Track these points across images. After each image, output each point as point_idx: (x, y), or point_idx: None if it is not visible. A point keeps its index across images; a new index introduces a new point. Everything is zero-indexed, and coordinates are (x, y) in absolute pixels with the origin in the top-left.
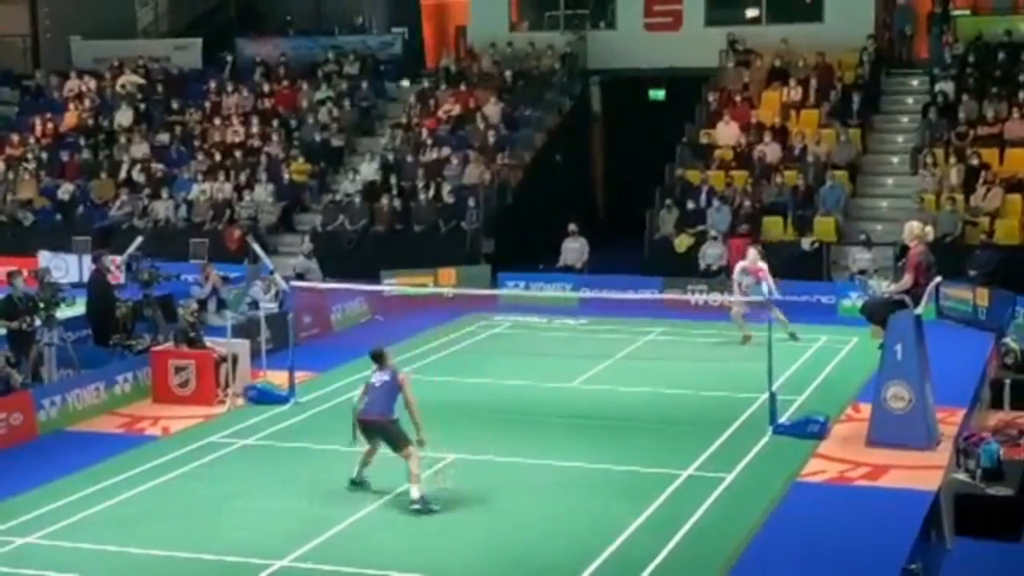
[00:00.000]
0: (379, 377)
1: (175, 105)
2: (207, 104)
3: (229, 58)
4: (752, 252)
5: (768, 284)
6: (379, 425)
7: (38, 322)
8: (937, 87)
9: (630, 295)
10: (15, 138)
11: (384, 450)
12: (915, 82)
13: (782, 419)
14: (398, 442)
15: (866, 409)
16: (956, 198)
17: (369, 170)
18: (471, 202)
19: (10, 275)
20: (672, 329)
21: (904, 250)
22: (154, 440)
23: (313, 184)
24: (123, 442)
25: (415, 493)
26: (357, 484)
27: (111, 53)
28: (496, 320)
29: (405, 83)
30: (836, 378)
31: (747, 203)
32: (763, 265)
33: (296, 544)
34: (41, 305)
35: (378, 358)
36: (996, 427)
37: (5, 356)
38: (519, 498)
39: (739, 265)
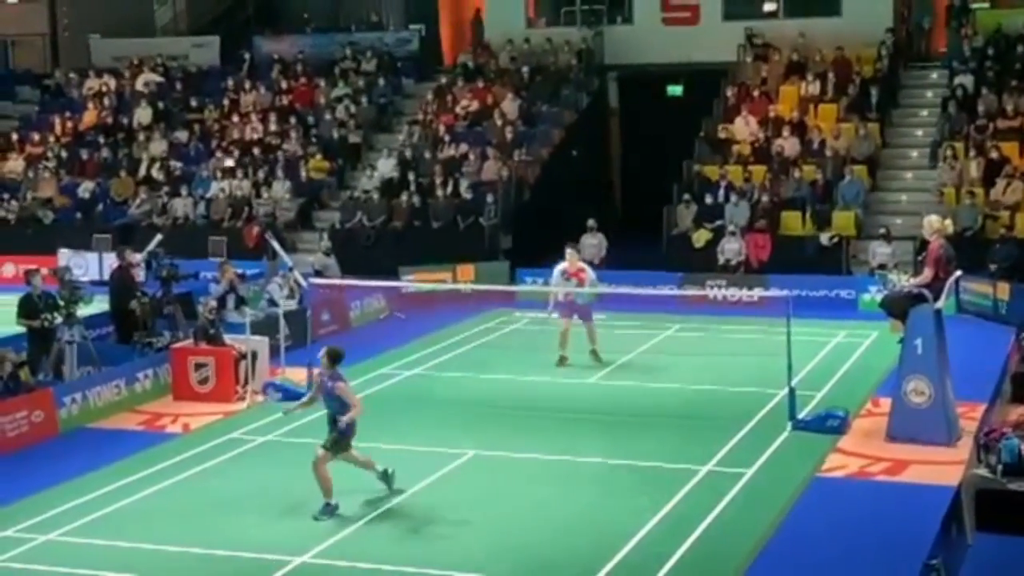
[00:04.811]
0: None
1: (193, 103)
2: (225, 102)
3: (247, 56)
4: (570, 251)
5: (592, 282)
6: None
7: (58, 320)
8: (956, 80)
9: (648, 291)
10: (35, 137)
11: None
12: (934, 75)
13: (802, 414)
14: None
15: (886, 404)
16: (976, 192)
17: (387, 167)
18: (489, 198)
19: (27, 274)
20: (690, 324)
21: (924, 244)
22: (174, 437)
23: (331, 181)
24: (143, 439)
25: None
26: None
27: (130, 52)
28: (515, 316)
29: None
30: (856, 373)
31: (765, 198)
32: (583, 265)
33: (314, 541)
34: (61, 303)
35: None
36: (1017, 422)
37: (14, 354)
38: (538, 494)
39: (557, 268)
